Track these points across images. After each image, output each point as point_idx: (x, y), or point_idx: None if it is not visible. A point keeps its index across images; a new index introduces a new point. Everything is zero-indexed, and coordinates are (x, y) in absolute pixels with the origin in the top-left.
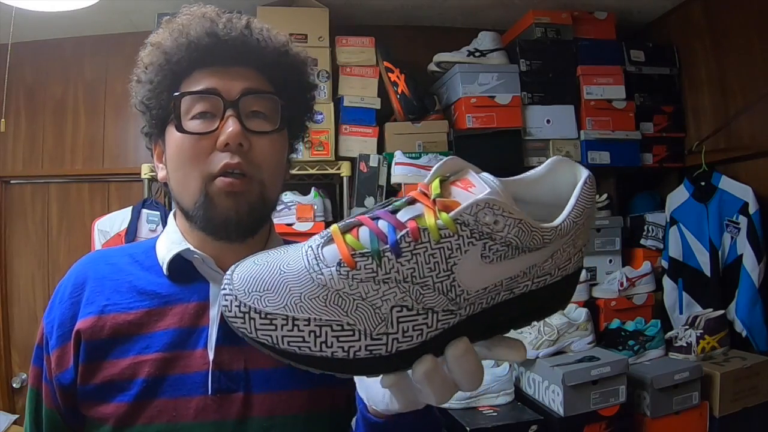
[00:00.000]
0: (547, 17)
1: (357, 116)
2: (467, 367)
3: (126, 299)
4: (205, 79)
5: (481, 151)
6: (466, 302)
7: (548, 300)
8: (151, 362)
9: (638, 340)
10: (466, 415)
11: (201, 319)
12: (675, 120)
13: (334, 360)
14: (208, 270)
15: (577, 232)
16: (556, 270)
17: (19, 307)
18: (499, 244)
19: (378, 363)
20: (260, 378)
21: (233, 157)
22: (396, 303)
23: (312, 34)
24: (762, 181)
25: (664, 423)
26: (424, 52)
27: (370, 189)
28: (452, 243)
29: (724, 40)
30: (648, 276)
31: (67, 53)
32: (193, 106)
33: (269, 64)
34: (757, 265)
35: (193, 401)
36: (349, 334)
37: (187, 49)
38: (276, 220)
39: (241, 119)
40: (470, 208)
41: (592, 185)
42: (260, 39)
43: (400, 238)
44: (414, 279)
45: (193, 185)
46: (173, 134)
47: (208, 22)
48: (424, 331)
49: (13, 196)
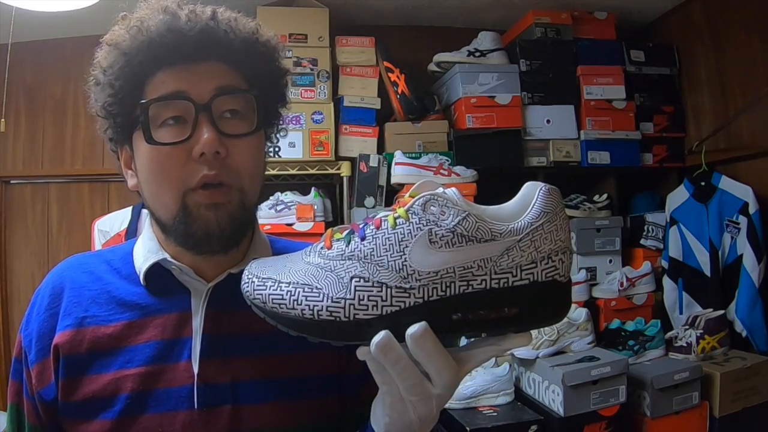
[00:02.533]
0: (547, 17)
1: (357, 116)
2: (427, 350)
3: (105, 311)
4: (171, 80)
5: (481, 151)
6: (418, 283)
7: (525, 307)
8: (134, 377)
9: (638, 340)
10: (466, 415)
11: (183, 330)
12: (675, 120)
13: (304, 320)
14: (188, 279)
15: (536, 235)
16: (518, 270)
17: (19, 307)
18: (444, 230)
19: (339, 327)
20: (248, 390)
21: (211, 167)
22: (355, 274)
23: (312, 34)
24: (762, 181)
25: (664, 423)
26: (424, 52)
27: (370, 189)
28: (404, 229)
29: (724, 40)
30: (648, 276)
31: (67, 53)
32: (162, 113)
33: (239, 56)
34: (757, 265)
35: (179, 416)
36: (316, 295)
37: (149, 47)
38: (276, 221)
39: (215, 123)
40: (420, 199)
41: (550, 194)
42: (228, 30)
43: (365, 226)
44: (372, 257)
45: (168, 199)
46: (142, 144)
47: (169, 15)
48: (378, 304)
49: (13, 196)
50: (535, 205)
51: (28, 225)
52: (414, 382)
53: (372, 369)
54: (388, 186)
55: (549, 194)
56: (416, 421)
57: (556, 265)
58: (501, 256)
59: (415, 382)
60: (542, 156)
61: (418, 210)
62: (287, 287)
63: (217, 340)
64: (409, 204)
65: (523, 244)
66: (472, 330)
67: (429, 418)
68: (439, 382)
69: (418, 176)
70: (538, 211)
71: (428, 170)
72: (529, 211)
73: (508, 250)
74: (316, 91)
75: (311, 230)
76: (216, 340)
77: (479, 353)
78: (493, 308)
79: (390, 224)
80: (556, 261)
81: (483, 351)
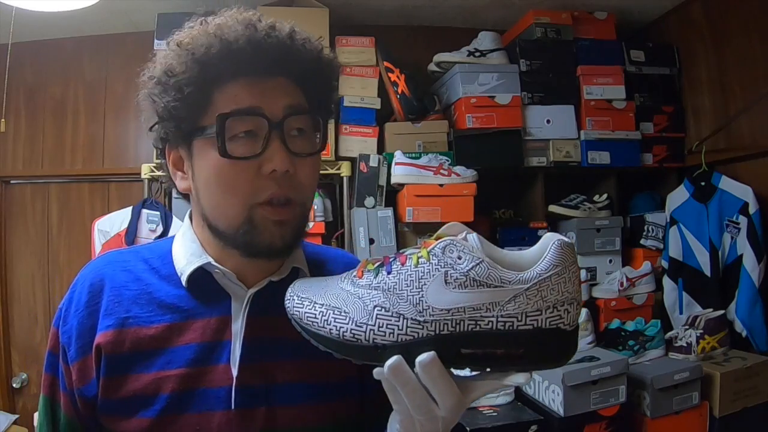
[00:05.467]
0: (547, 17)
1: (357, 116)
2: (433, 377)
3: (146, 312)
4: (245, 93)
5: (481, 151)
6: (432, 317)
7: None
8: (175, 378)
9: (638, 340)
10: (466, 415)
11: (223, 334)
12: (675, 120)
13: (331, 338)
14: (229, 284)
15: (543, 286)
16: (523, 316)
17: (19, 307)
18: (459, 273)
19: (360, 348)
20: (281, 392)
21: (281, 186)
22: (378, 304)
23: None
24: (762, 181)
25: (664, 423)
26: (424, 52)
27: (370, 189)
28: (425, 268)
29: (724, 40)
30: (648, 276)
31: (67, 53)
32: (235, 126)
33: (306, 75)
34: (757, 265)
35: (216, 416)
36: (343, 318)
37: (226, 57)
38: None
39: (286, 142)
40: (441, 243)
41: (562, 248)
42: (302, 50)
43: (393, 261)
44: (394, 290)
45: (234, 211)
46: (210, 154)
47: (250, 28)
48: (395, 333)
49: (13, 196)
50: (546, 258)
51: (28, 225)
52: (421, 403)
53: (385, 388)
54: (388, 186)
55: (561, 249)
56: None
57: (561, 314)
58: (508, 301)
59: (421, 403)
60: (542, 156)
61: (439, 253)
62: (321, 308)
63: (257, 344)
64: (432, 246)
65: (530, 293)
66: (477, 364)
67: None
68: (443, 405)
69: (418, 176)
70: (548, 263)
71: (428, 170)
72: (540, 262)
73: (516, 297)
74: None
75: (311, 230)
76: (255, 345)
77: (482, 385)
78: (498, 347)
79: (413, 263)
80: (561, 311)
81: (486, 384)
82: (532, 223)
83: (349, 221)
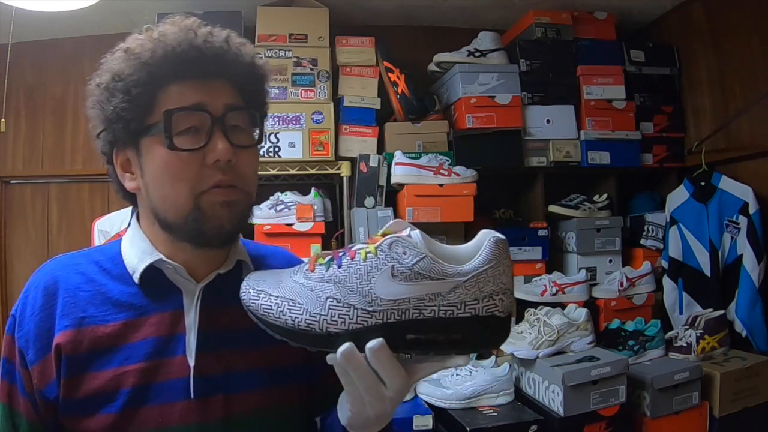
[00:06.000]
0: (547, 17)
1: (357, 116)
2: (382, 361)
3: (102, 312)
4: (189, 92)
5: (481, 151)
6: (380, 307)
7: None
8: (134, 372)
9: (638, 340)
10: (466, 415)
11: (177, 327)
12: (675, 120)
13: (287, 328)
14: (179, 279)
15: (480, 278)
16: (462, 305)
17: None
18: (404, 267)
19: (313, 336)
20: (238, 379)
21: (225, 173)
22: (330, 295)
23: (312, 34)
24: (762, 181)
25: (664, 423)
26: (424, 52)
27: (370, 189)
28: (373, 263)
29: (724, 40)
30: (648, 276)
31: (67, 53)
32: (181, 121)
33: (241, 78)
34: (757, 265)
35: (176, 406)
36: (298, 309)
37: (170, 61)
38: (276, 221)
39: (227, 134)
40: (387, 240)
41: (496, 245)
42: (237, 54)
43: (343, 256)
44: (345, 283)
45: (182, 200)
46: (158, 150)
47: (191, 33)
48: (346, 321)
49: (13, 196)
50: (482, 253)
51: (28, 225)
52: (370, 385)
53: (338, 372)
54: (388, 186)
55: (495, 245)
56: (373, 417)
57: (496, 303)
58: (449, 292)
59: (371, 385)
60: (542, 156)
61: (386, 248)
62: (276, 300)
63: (210, 335)
64: (379, 242)
65: (468, 284)
66: (421, 349)
67: (383, 415)
68: (391, 386)
69: (418, 176)
70: (484, 258)
71: (428, 170)
72: (477, 257)
73: (455, 288)
74: (316, 91)
75: (311, 230)
76: (209, 335)
77: (426, 367)
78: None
79: (362, 257)
80: (496, 300)
81: (429, 366)
82: (532, 223)
83: (349, 221)
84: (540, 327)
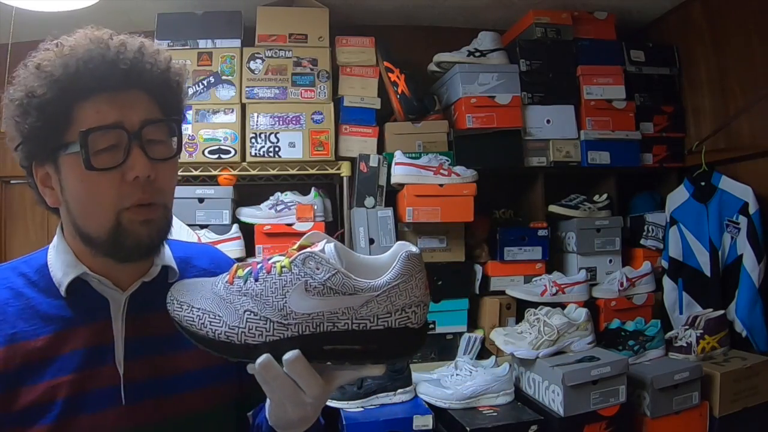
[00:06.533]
0: (547, 17)
1: (357, 116)
2: (299, 371)
3: (32, 326)
4: (104, 108)
5: (481, 151)
6: (295, 321)
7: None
8: (66, 384)
9: (638, 340)
10: (466, 415)
11: (106, 337)
12: (675, 120)
13: (207, 339)
14: (105, 289)
15: (392, 292)
16: (375, 318)
17: None
18: (317, 282)
19: (233, 348)
20: (168, 384)
21: (144, 191)
22: (248, 308)
23: (312, 34)
24: (762, 181)
25: (664, 423)
26: (424, 52)
27: (370, 189)
28: (287, 277)
29: (724, 40)
30: (648, 276)
31: None
32: (97, 140)
33: (157, 86)
34: (757, 265)
35: (109, 413)
36: (218, 322)
37: (84, 76)
38: (276, 221)
39: (145, 150)
40: (301, 255)
41: (409, 259)
42: (152, 63)
43: (260, 269)
44: (261, 296)
45: (104, 218)
46: (76, 168)
47: (104, 46)
48: (263, 334)
49: (13, 196)
50: (394, 268)
51: (28, 225)
52: (290, 393)
53: (259, 381)
54: (388, 186)
55: (408, 260)
56: (295, 420)
57: (409, 315)
58: (362, 306)
59: (290, 393)
60: (542, 156)
61: (300, 264)
62: (197, 312)
63: (138, 342)
64: (293, 257)
65: (380, 299)
66: (338, 358)
67: (305, 418)
68: (310, 394)
69: (418, 176)
70: (396, 273)
71: (428, 170)
72: (389, 272)
73: (368, 302)
74: (316, 91)
75: (311, 230)
76: (137, 343)
77: (344, 375)
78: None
79: (277, 271)
80: (409, 312)
81: (347, 374)
82: (532, 223)
83: (349, 221)
84: (540, 327)
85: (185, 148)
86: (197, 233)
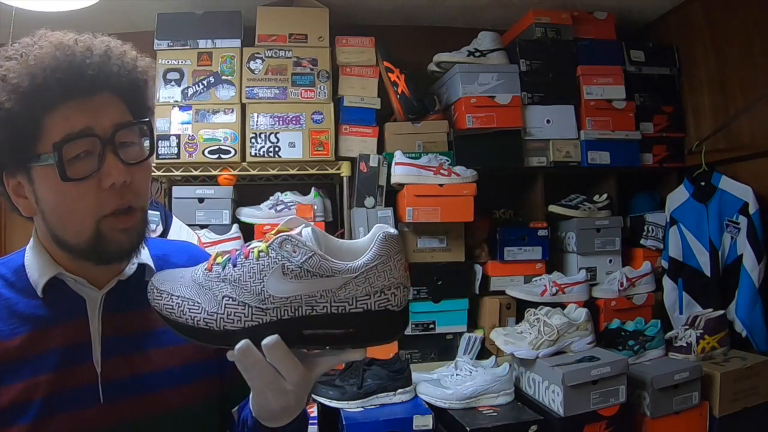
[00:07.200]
0: (547, 17)
1: (357, 116)
2: (278, 357)
3: (8, 326)
4: (74, 116)
5: (481, 151)
6: (273, 305)
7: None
8: (44, 382)
9: (638, 340)
10: (466, 415)
11: (83, 335)
12: (675, 120)
13: (187, 326)
14: (82, 288)
15: (370, 274)
16: (354, 301)
17: None
18: (294, 266)
19: (213, 335)
20: (147, 381)
21: (122, 196)
22: (226, 294)
23: (312, 34)
24: (762, 181)
25: (664, 423)
26: (424, 52)
27: (370, 189)
28: (265, 261)
29: (724, 40)
30: (648, 276)
31: None
32: (70, 150)
33: (125, 88)
34: (757, 265)
35: (87, 412)
36: (197, 309)
37: (52, 86)
38: (276, 220)
39: (118, 154)
40: (278, 239)
41: (386, 240)
42: (119, 64)
43: (238, 255)
44: (240, 282)
45: (83, 226)
46: (51, 179)
47: (69, 52)
48: (242, 319)
49: None
50: (372, 249)
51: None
52: (270, 380)
53: (239, 368)
54: (388, 186)
55: (385, 240)
56: (278, 410)
57: (388, 297)
58: (339, 288)
59: (271, 380)
60: (542, 156)
61: (276, 247)
62: (177, 299)
63: (115, 340)
64: (270, 241)
65: (359, 280)
66: (317, 343)
67: (288, 407)
68: (290, 380)
69: (418, 176)
70: (374, 254)
71: (428, 170)
72: (367, 253)
73: (346, 284)
74: (316, 91)
75: None
76: (114, 341)
77: (324, 360)
78: (335, 328)
79: (255, 256)
80: (389, 294)
81: (327, 359)
82: (532, 223)
83: (349, 221)
84: (540, 327)
85: (185, 148)
86: (197, 233)
